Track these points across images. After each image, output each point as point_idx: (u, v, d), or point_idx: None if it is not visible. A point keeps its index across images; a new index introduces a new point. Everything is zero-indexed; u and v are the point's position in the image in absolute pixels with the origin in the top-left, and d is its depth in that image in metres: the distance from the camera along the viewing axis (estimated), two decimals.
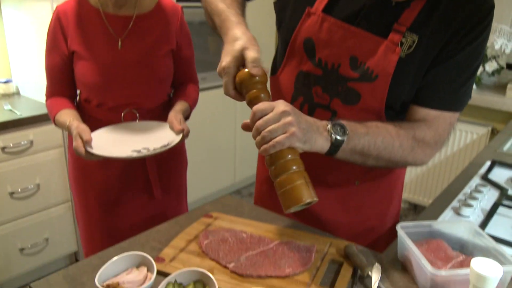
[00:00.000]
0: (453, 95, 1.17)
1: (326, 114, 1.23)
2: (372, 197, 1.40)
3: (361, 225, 1.41)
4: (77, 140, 1.46)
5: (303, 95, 1.26)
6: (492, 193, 1.60)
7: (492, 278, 0.89)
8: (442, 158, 3.56)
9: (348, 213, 1.39)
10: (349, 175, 1.35)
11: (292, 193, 0.97)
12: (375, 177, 1.37)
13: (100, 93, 1.62)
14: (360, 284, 1.08)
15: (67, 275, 1.09)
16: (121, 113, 1.64)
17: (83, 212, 1.80)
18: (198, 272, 1.00)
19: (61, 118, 1.59)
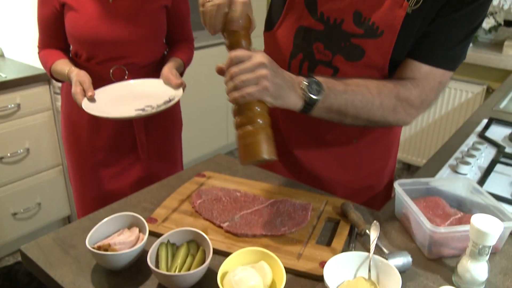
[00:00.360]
0: (448, 52, 1.11)
1: (328, 71, 1.18)
2: (370, 154, 1.37)
3: (358, 184, 1.38)
4: (77, 86, 1.45)
5: (303, 51, 1.21)
6: (489, 150, 1.58)
7: (492, 234, 0.87)
8: (436, 117, 3.54)
9: (345, 171, 1.37)
10: (348, 133, 1.32)
11: (252, 147, 0.94)
12: (374, 134, 1.34)
13: (90, 47, 1.59)
14: (358, 242, 1.06)
15: (57, 238, 1.06)
16: (110, 68, 1.61)
17: (75, 173, 1.78)
18: (191, 232, 0.97)
19: (58, 67, 1.58)
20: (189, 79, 3.35)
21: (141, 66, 1.66)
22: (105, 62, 1.61)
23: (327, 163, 1.36)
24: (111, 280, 0.93)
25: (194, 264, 0.91)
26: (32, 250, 1.02)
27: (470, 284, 0.92)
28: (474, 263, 0.91)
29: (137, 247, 0.92)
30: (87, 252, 1.01)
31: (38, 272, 1.00)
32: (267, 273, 0.87)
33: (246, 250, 0.91)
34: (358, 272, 0.91)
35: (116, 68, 1.62)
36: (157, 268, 0.88)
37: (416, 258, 1.00)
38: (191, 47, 1.80)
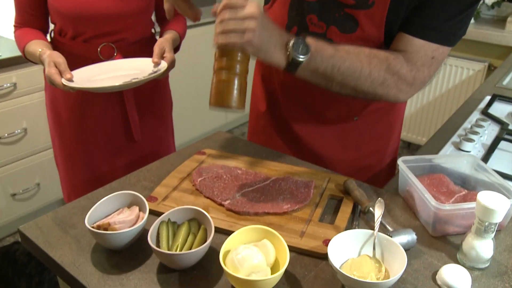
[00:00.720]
0: (442, 26, 1.06)
1: None
2: (371, 133, 1.35)
3: (359, 162, 1.37)
4: (51, 66, 1.34)
5: (297, 24, 1.19)
6: (492, 128, 1.56)
7: (498, 211, 0.86)
8: (436, 95, 3.51)
9: (346, 150, 1.35)
10: (348, 111, 1.29)
11: (224, 93, 0.96)
12: (375, 112, 1.31)
13: (76, 22, 1.49)
14: (361, 220, 1.05)
15: (56, 218, 1.05)
16: (97, 46, 1.53)
17: (64, 157, 1.71)
18: (192, 210, 0.96)
19: (31, 48, 1.47)
20: (188, 57, 3.32)
21: (131, 42, 1.58)
22: (92, 40, 1.52)
23: (328, 140, 1.34)
24: (111, 260, 0.92)
25: (196, 242, 0.90)
26: (31, 230, 1.00)
27: (475, 261, 0.91)
28: (479, 241, 0.90)
29: (137, 226, 0.91)
30: (86, 232, 0.99)
31: (37, 252, 0.98)
32: (270, 252, 0.85)
33: (249, 228, 0.90)
34: (363, 250, 0.90)
35: (104, 46, 1.53)
36: (158, 247, 0.87)
37: (420, 236, 0.99)
38: (184, 20, 1.72)
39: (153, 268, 0.90)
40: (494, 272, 0.91)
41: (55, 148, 1.74)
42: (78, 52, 1.52)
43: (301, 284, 0.86)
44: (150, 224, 0.91)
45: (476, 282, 0.88)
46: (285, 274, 0.88)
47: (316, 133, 1.34)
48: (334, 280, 0.87)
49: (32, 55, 1.48)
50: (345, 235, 0.89)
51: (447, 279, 0.86)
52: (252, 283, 0.79)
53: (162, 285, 0.86)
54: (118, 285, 0.86)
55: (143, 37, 1.63)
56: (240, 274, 0.80)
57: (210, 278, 0.88)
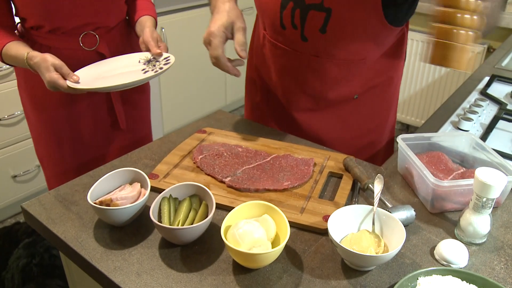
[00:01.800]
0: None
1: (320, 15, 1.16)
2: (370, 110, 1.36)
3: (360, 141, 1.38)
4: (51, 71, 1.25)
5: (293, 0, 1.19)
6: (491, 107, 1.56)
7: (496, 187, 0.87)
8: (435, 77, 3.50)
9: (347, 129, 1.36)
10: (349, 90, 1.30)
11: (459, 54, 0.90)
12: (374, 88, 1.32)
13: (51, 16, 1.37)
14: (360, 197, 1.06)
15: (58, 195, 1.06)
16: (78, 37, 1.43)
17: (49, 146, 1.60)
18: (194, 186, 0.97)
19: (13, 52, 1.33)
20: (187, 39, 3.30)
21: (111, 28, 1.50)
22: (72, 30, 1.42)
23: (328, 121, 1.35)
24: (113, 235, 0.93)
25: (197, 218, 0.91)
26: (33, 207, 1.02)
27: (472, 237, 0.93)
28: (477, 216, 0.91)
29: (140, 202, 0.92)
30: (89, 208, 1.01)
31: (40, 229, 0.99)
32: (271, 226, 0.87)
33: (250, 204, 0.91)
34: (362, 225, 0.91)
35: (85, 35, 1.44)
36: (160, 223, 0.88)
37: (419, 212, 1.01)
38: (151, 3, 1.62)
39: (155, 243, 0.91)
40: (491, 247, 0.93)
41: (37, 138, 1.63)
42: (59, 45, 1.43)
43: (301, 258, 0.88)
44: (152, 201, 0.92)
45: (473, 256, 0.90)
46: (285, 249, 0.89)
47: (316, 116, 1.35)
48: (333, 255, 0.89)
49: (14, 59, 1.34)
50: (345, 210, 0.90)
51: (445, 253, 0.87)
52: (253, 257, 0.80)
53: (164, 260, 0.87)
54: (121, 260, 0.87)
55: (121, 20, 1.55)
56: (241, 248, 0.81)
57: (211, 252, 0.89)
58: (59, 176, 1.59)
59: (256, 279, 0.83)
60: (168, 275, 0.84)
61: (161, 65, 1.32)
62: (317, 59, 1.24)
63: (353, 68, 1.26)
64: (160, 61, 1.35)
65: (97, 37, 1.45)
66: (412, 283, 0.80)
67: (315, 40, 1.20)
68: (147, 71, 1.31)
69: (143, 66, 1.36)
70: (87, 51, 1.45)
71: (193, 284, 0.82)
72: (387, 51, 1.29)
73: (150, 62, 1.37)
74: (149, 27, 1.44)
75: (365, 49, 1.23)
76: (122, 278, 0.83)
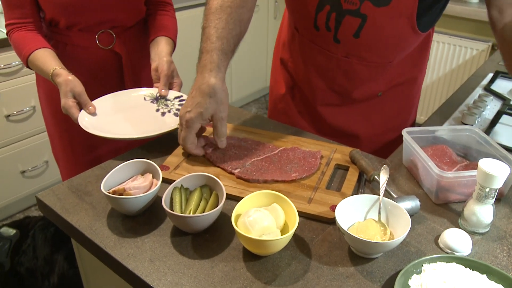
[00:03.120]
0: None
1: (356, 20, 1.18)
2: (395, 107, 1.40)
3: (382, 138, 1.41)
4: (68, 97, 1.26)
5: (329, 3, 1.20)
6: (495, 103, 1.58)
7: (499, 177, 0.89)
8: (440, 74, 3.52)
9: (371, 126, 1.40)
10: (373, 88, 1.34)
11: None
12: (397, 87, 1.36)
13: (68, 11, 1.37)
14: (367, 188, 1.08)
15: (71, 186, 1.08)
16: (95, 34, 1.44)
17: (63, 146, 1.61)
18: (204, 177, 0.99)
19: (40, 63, 1.33)
20: (194, 38, 3.32)
21: (128, 27, 1.50)
22: (88, 28, 1.42)
23: (353, 118, 1.38)
24: (126, 224, 0.96)
25: (208, 207, 0.93)
26: (48, 197, 1.04)
27: (476, 226, 0.95)
28: (480, 206, 0.94)
29: (152, 191, 0.95)
30: (102, 198, 1.03)
31: (55, 218, 1.02)
32: (279, 215, 0.89)
33: (259, 193, 0.93)
34: (368, 215, 0.93)
35: (102, 33, 1.44)
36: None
37: (423, 203, 1.03)
38: (174, 15, 1.60)
39: (167, 232, 0.94)
40: (494, 237, 0.95)
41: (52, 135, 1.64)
42: (75, 41, 1.44)
43: (309, 246, 0.90)
44: (163, 192, 0.95)
45: (476, 245, 0.92)
46: (294, 237, 0.92)
47: (341, 113, 1.39)
48: (341, 243, 0.91)
49: (40, 70, 1.35)
50: (352, 199, 0.93)
51: (449, 242, 0.89)
52: (263, 243, 0.83)
53: (176, 248, 0.90)
54: (134, 247, 0.90)
55: (139, 20, 1.55)
56: (251, 235, 0.83)
57: (222, 240, 0.92)
58: (72, 170, 1.61)
59: (266, 266, 0.85)
60: (180, 261, 0.86)
61: (176, 106, 1.35)
62: (348, 60, 1.27)
63: (381, 69, 1.30)
64: (172, 100, 1.37)
65: (114, 35, 1.46)
66: (417, 269, 0.82)
67: (348, 43, 1.23)
68: (164, 112, 1.33)
69: (154, 106, 1.36)
70: (103, 49, 1.46)
71: (205, 270, 0.84)
72: (413, 52, 1.32)
73: (159, 100, 1.38)
74: (166, 56, 1.41)
75: (394, 52, 1.27)
76: (135, 264, 0.86)
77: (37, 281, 1.78)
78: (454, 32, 3.38)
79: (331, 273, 0.84)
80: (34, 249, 1.77)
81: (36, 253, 1.77)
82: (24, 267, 1.77)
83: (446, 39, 3.38)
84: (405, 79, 1.37)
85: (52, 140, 1.64)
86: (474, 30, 3.32)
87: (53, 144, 1.65)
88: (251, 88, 4.21)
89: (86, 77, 1.40)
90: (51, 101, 1.54)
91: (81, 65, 1.46)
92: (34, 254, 1.77)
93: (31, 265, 1.77)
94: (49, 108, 1.57)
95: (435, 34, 3.36)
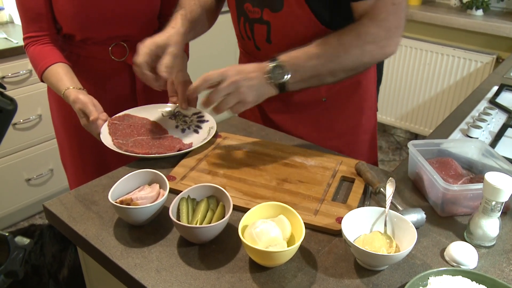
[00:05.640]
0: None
1: (263, 27, 1.25)
2: (341, 111, 1.41)
3: (334, 142, 1.41)
4: (81, 117, 1.30)
5: (242, 15, 1.29)
6: (500, 116, 1.59)
7: (505, 191, 0.89)
8: (444, 87, 3.53)
9: (319, 131, 1.41)
10: (314, 93, 1.35)
11: None
12: (341, 92, 1.37)
13: (84, 26, 1.41)
14: (372, 200, 1.08)
15: (78, 195, 1.09)
16: (108, 47, 1.46)
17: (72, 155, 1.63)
18: (211, 188, 1.00)
19: (53, 80, 1.36)
20: (198, 45, 3.34)
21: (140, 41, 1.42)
22: (102, 41, 1.45)
23: (302, 124, 1.41)
24: (133, 234, 0.96)
25: (215, 218, 0.94)
26: (55, 206, 1.05)
27: (481, 240, 0.95)
28: (486, 219, 0.94)
29: (159, 202, 0.95)
30: (108, 208, 1.04)
31: (61, 227, 1.03)
32: (286, 227, 0.89)
33: (266, 205, 0.94)
34: (374, 227, 0.94)
35: (115, 45, 1.47)
36: None
37: (429, 216, 1.03)
38: None
39: (173, 242, 0.94)
40: (500, 250, 0.95)
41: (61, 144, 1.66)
42: (89, 53, 1.47)
43: (315, 258, 0.91)
44: (170, 202, 0.95)
45: (482, 259, 0.92)
46: (300, 249, 0.92)
47: (289, 117, 1.42)
48: (347, 255, 0.92)
49: (54, 87, 1.38)
50: (358, 212, 0.93)
51: (455, 255, 0.90)
52: (270, 255, 0.83)
53: (182, 258, 0.90)
54: (141, 257, 0.90)
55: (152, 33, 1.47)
56: (258, 246, 0.84)
57: (228, 251, 0.92)
58: (80, 178, 1.62)
59: (272, 277, 0.86)
60: (187, 272, 0.87)
61: (195, 122, 1.36)
62: None
63: None
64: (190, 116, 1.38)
65: (127, 48, 1.48)
66: (423, 282, 0.82)
67: (265, 49, 1.29)
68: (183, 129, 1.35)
69: (172, 122, 1.38)
70: (116, 61, 1.48)
71: (211, 281, 0.85)
72: None
73: (177, 116, 1.39)
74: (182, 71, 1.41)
75: None
76: (142, 274, 0.86)
77: (43, 279, 1.78)
78: (458, 45, 3.39)
79: (337, 285, 0.84)
80: (42, 247, 1.78)
81: (43, 250, 1.78)
82: (30, 264, 1.77)
83: (450, 52, 3.39)
84: (347, 84, 1.36)
85: (61, 147, 1.65)
86: (478, 42, 3.33)
87: (62, 152, 1.66)
88: None
89: (99, 87, 1.43)
90: (61, 108, 1.55)
91: (94, 76, 1.48)
92: (41, 252, 1.78)
93: (37, 262, 1.77)
94: (59, 115, 1.58)
95: (439, 47, 3.39)
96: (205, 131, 1.32)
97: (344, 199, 1.08)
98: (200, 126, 1.34)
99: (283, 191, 1.08)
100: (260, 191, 1.08)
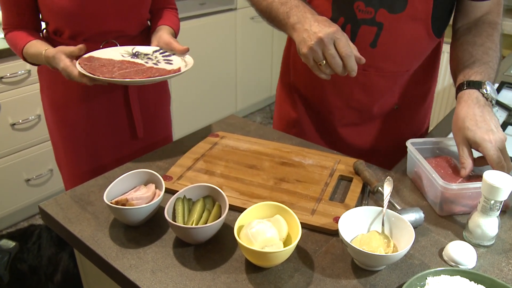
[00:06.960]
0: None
1: (372, 29, 1.18)
2: (409, 117, 1.40)
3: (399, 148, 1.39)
4: (63, 59, 1.23)
5: (344, 15, 1.20)
6: (500, 114, 1.58)
7: (504, 190, 0.88)
8: (445, 85, 3.51)
9: (387, 139, 1.40)
10: (391, 101, 1.34)
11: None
12: (413, 98, 1.36)
13: (73, 21, 1.37)
14: (370, 200, 1.08)
15: (74, 196, 1.08)
16: (99, 44, 1.41)
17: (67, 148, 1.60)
18: (207, 188, 0.99)
19: (32, 49, 1.32)
20: (197, 47, 3.34)
21: (132, 37, 1.49)
22: (92, 37, 1.41)
23: (370, 134, 1.39)
24: (128, 235, 0.96)
25: (211, 218, 0.93)
26: (51, 207, 1.04)
27: (480, 239, 0.94)
28: (485, 219, 0.93)
29: (154, 202, 0.94)
30: (104, 208, 1.03)
31: (57, 228, 1.02)
32: (282, 227, 0.89)
33: (262, 204, 0.93)
34: (372, 227, 0.93)
35: (106, 43, 1.43)
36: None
37: (427, 215, 1.02)
38: (177, 15, 1.61)
39: (169, 243, 0.94)
40: (499, 249, 0.94)
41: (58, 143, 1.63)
42: None
43: (312, 258, 0.90)
44: (166, 202, 0.95)
45: (481, 258, 0.91)
46: (297, 249, 0.92)
47: (359, 130, 1.39)
48: (344, 255, 0.91)
49: (34, 57, 1.34)
50: (355, 211, 0.92)
51: (453, 254, 0.89)
52: (266, 255, 0.82)
53: (178, 259, 0.89)
54: (136, 258, 0.89)
55: (143, 29, 1.55)
56: (254, 247, 0.83)
57: (224, 252, 0.91)
58: (75, 179, 1.60)
59: (268, 278, 0.85)
60: (182, 273, 0.86)
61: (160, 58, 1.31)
62: (365, 73, 1.26)
63: (398, 79, 1.29)
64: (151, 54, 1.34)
65: (118, 45, 1.45)
66: (421, 282, 0.81)
67: (365, 54, 1.20)
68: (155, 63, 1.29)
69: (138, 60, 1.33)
70: None
71: (206, 282, 0.84)
72: (426, 61, 1.32)
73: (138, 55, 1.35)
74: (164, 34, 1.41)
75: (410, 60, 1.27)
76: (137, 275, 0.85)
77: (40, 280, 1.78)
78: None
79: (334, 286, 0.84)
80: (39, 248, 1.78)
81: (40, 252, 1.78)
82: (27, 264, 1.77)
83: None
84: (420, 90, 1.37)
85: (56, 148, 1.64)
86: None
87: (57, 152, 1.65)
88: (255, 97, 4.21)
89: (91, 86, 1.40)
90: (55, 108, 1.53)
91: None
92: (38, 253, 1.78)
93: (34, 263, 1.77)
94: (53, 115, 1.56)
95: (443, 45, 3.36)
96: (177, 63, 1.28)
97: (342, 199, 1.07)
98: (170, 61, 1.29)
99: (281, 191, 1.07)
100: (257, 191, 1.07)
